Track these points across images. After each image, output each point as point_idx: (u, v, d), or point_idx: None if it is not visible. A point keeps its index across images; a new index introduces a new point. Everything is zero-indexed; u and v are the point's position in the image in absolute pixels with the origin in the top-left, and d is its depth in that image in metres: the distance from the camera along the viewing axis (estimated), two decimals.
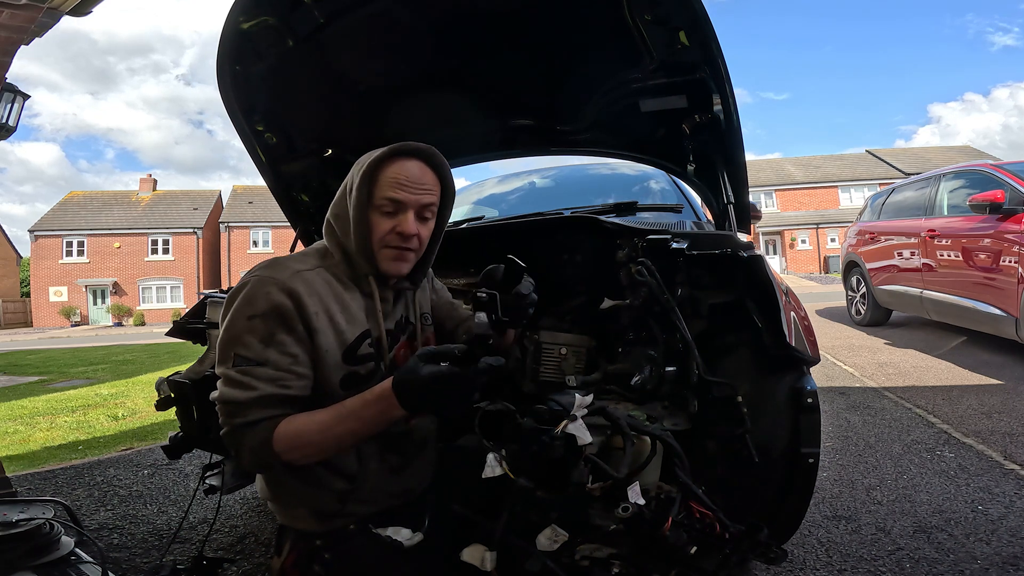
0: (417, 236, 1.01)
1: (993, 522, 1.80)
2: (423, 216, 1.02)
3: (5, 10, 2.09)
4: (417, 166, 1.00)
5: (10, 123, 4.82)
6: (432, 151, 1.02)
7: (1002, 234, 3.93)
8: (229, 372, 0.88)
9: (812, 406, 1.10)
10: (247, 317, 0.89)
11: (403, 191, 0.98)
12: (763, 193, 27.14)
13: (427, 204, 1.01)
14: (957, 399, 3.23)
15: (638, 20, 1.35)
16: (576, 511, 0.87)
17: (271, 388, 0.87)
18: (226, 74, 1.50)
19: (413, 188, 0.99)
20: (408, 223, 0.99)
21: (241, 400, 0.87)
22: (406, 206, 0.99)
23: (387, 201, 0.98)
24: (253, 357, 0.88)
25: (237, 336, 0.89)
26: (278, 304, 0.89)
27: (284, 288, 0.90)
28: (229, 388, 0.87)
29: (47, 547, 1.19)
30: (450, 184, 1.06)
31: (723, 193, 1.63)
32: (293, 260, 0.98)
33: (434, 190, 1.02)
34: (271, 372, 0.88)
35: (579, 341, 1.45)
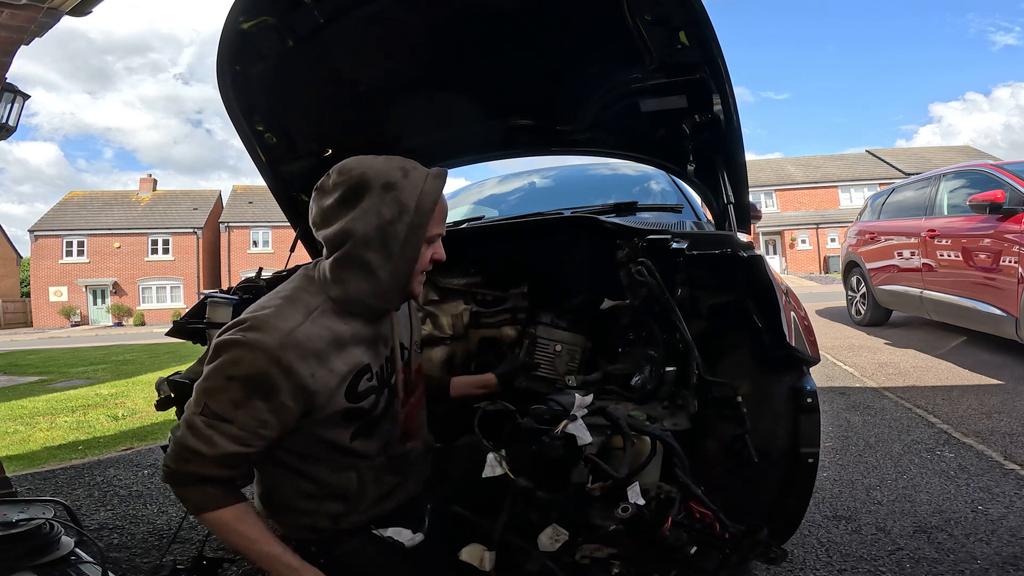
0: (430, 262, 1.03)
1: (993, 522, 1.80)
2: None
3: (5, 10, 2.09)
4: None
5: (10, 123, 4.82)
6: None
7: (1002, 234, 3.93)
8: (195, 419, 0.87)
9: (812, 406, 1.10)
10: (226, 376, 0.87)
11: (443, 224, 1.03)
12: (763, 193, 27.14)
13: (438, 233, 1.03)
14: (957, 399, 3.23)
15: (638, 20, 1.35)
16: (576, 511, 0.87)
17: (232, 447, 0.87)
18: (226, 74, 1.50)
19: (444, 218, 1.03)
20: (443, 251, 1.03)
21: (201, 452, 0.87)
22: (440, 237, 1.02)
23: (439, 229, 1.01)
24: (221, 414, 0.86)
25: (212, 389, 0.87)
26: (262, 373, 0.86)
27: (273, 359, 0.86)
28: (192, 436, 0.87)
29: (47, 547, 1.19)
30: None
31: (723, 193, 1.63)
32: (282, 315, 0.91)
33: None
34: (235, 431, 0.87)
35: (575, 340, 1.45)
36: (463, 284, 1.64)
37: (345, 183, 0.93)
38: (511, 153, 2.06)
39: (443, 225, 1.02)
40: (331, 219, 0.95)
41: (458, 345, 1.64)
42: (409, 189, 0.94)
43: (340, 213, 0.94)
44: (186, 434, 0.87)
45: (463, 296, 1.65)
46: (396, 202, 0.93)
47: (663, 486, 0.92)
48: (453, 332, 1.62)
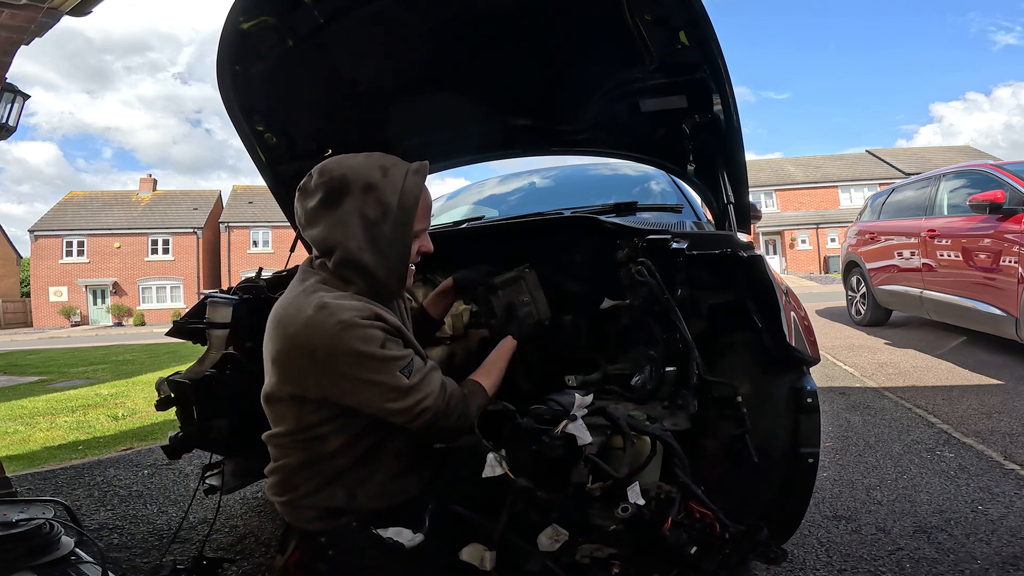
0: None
1: (993, 522, 1.80)
2: None
3: (5, 10, 2.09)
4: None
5: (10, 123, 4.82)
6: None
7: (1002, 234, 3.93)
8: (408, 381, 0.93)
9: (812, 406, 1.10)
10: (381, 345, 0.93)
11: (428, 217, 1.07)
12: (763, 193, 27.15)
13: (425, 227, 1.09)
14: (957, 399, 3.23)
15: (638, 20, 1.35)
16: (576, 511, 0.87)
17: (424, 364, 0.98)
18: (226, 74, 1.50)
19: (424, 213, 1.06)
20: (431, 244, 1.08)
21: (440, 380, 0.98)
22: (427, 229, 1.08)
23: (426, 223, 1.06)
24: (409, 357, 0.95)
25: (387, 360, 0.93)
26: (381, 327, 0.94)
27: (370, 315, 0.94)
28: (425, 387, 0.95)
29: (47, 547, 1.19)
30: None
31: (723, 193, 1.63)
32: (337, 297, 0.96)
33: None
34: (419, 361, 0.98)
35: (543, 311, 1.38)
36: None
37: (326, 184, 0.97)
38: (511, 153, 2.06)
39: (428, 219, 1.06)
40: (315, 220, 0.99)
41: (458, 345, 1.64)
42: (390, 188, 0.98)
43: (323, 215, 0.98)
44: (417, 394, 0.94)
45: None
46: (378, 203, 0.97)
47: (663, 486, 0.92)
48: (453, 332, 1.62)
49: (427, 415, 0.95)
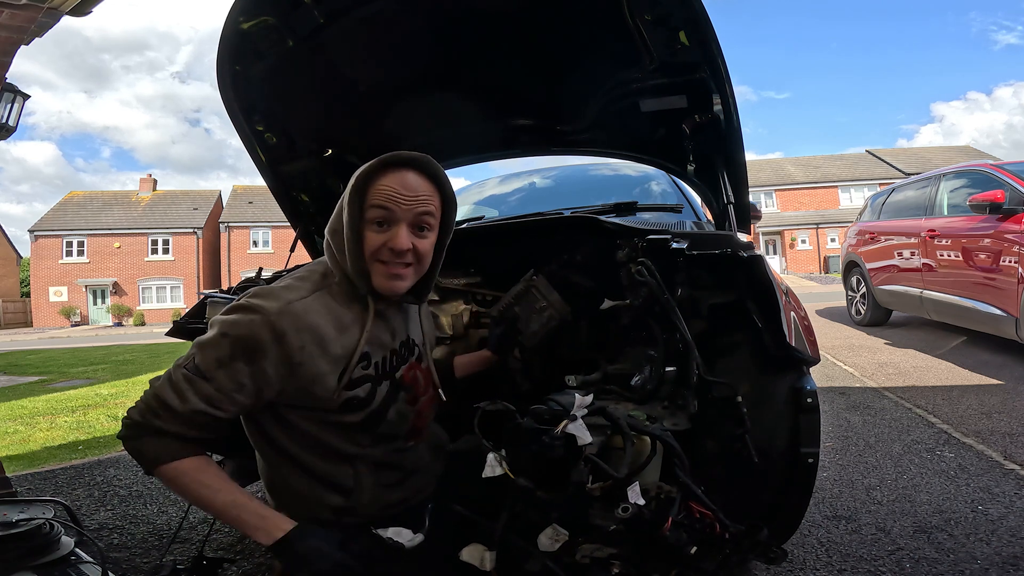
0: (413, 250, 0.97)
1: (993, 522, 1.80)
2: (420, 228, 0.98)
3: (5, 10, 2.09)
4: (410, 176, 0.96)
5: (10, 123, 4.82)
6: (426, 160, 0.98)
7: (1002, 234, 3.93)
8: (177, 372, 0.89)
9: (812, 406, 1.10)
10: (221, 333, 0.89)
11: (394, 202, 0.95)
12: (763, 193, 27.14)
13: (423, 213, 0.97)
14: (957, 399, 3.23)
15: (638, 20, 1.35)
16: (576, 511, 0.87)
17: (202, 405, 0.87)
18: (226, 74, 1.50)
19: (405, 199, 0.95)
20: (400, 238, 0.95)
21: (171, 407, 0.87)
22: (398, 218, 0.95)
23: (379, 213, 0.94)
24: (204, 370, 0.87)
25: (205, 344, 0.89)
26: (253, 336, 0.88)
27: (268, 323, 0.88)
28: (168, 388, 0.88)
29: (47, 547, 1.19)
30: (449, 192, 1.02)
31: (723, 193, 1.63)
32: (291, 287, 0.95)
33: (431, 199, 0.98)
34: (210, 390, 0.87)
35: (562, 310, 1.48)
36: (463, 284, 1.64)
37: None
38: (511, 153, 2.06)
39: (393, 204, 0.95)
40: None
41: (458, 345, 1.64)
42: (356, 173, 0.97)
43: None
44: (164, 385, 0.88)
45: (463, 296, 1.65)
46: (348, 189, 0.98)
47: (663, 486, 0.92)
48: (453, 332, 1.62)
49: (125, 425, 0.91)
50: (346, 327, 0.96)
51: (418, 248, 0.98)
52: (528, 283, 1.45)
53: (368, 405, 0.98)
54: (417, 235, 0.98)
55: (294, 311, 0.90)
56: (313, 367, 0.91)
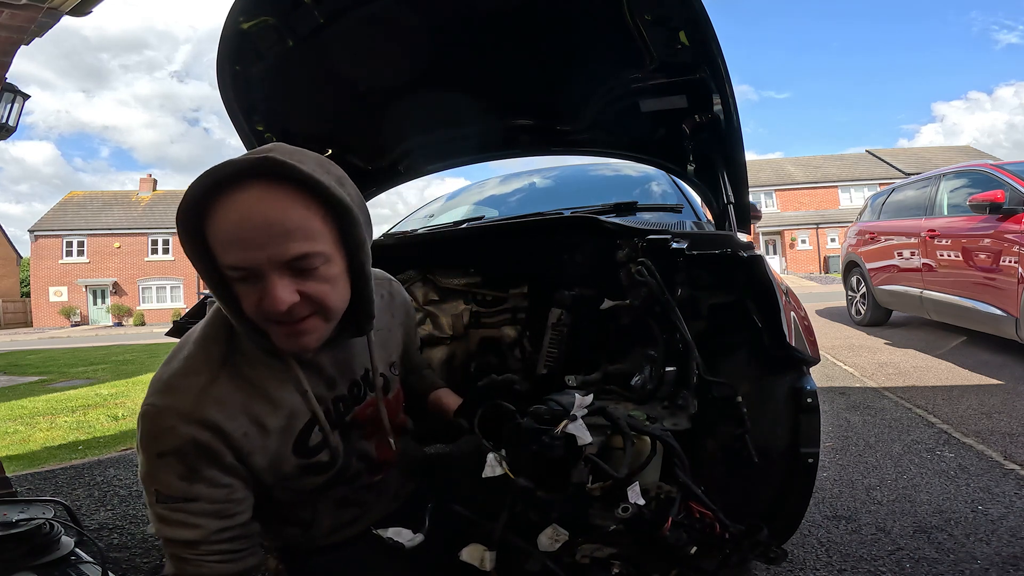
0: (305, 301, 0.71)
1: (993, 522, 1.80)
2: (303, 268, 0.70)
3: (5, 10, 2.09)
4: (254, 198, 0.66)
5: (10, 123, 4.82)
6: (276, 163, 0.66)
7: (1002, 234, 3.93)
8: (158, 509, 0.72)
9: (812, 406, 1.10)
10: (156, 454, 0.71)
11: (240, 250, 0.67)
12: (763, 193, 27.15)
13: (296, 257, 0.69)
14: (957, 399, 3.23)
15: (638, 20, 1.35)
16: (576, 511, 0.87)
17: (216, 523, 0.73)
18: (226, 74, 1.50)
19: (254, 239, 0.66)
20: (272, 298, 0.68)
21: (190, 539, 0.72)
22: (259, 270, 0.68)
23: (228, 267, 0.68)
24: (180, 495, 0.71)
25: (152, 474, 0.72)
26: (191, 439, 0.71)
27: (194, 420, 0.71)
28: (168, 527, 0.72)
29: (47, 547, 1.20)
30: (334, 194, 0.71)
31: (723, 193, 1.63)
32: (190, 371, 0.74)
33: (302, 224, 0.69)
34: (206, 507, 0.72)
35: None
36: (463, 284, 1.64)
37: None
38: (511, 153, 2.06)
39: (240, 252, 0.67)
40: None
41: (458, 345, 1.64)
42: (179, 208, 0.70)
43: None
44: (161, 527, 0.73)
45: (463, 296, 1.65)
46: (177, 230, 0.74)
47: (663, 486, 0.92)
48: (453, 332, 1.62)
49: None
50: (277, 400, 0.79)
51: (312, 295, 0.72)
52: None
53: (332, 467, 0.87)
54: (301, 278, 0.71)
55: (211, 396, 0.73)
56: (264, 452, 0.77)
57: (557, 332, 1.48)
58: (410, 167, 2.05)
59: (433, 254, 1.69)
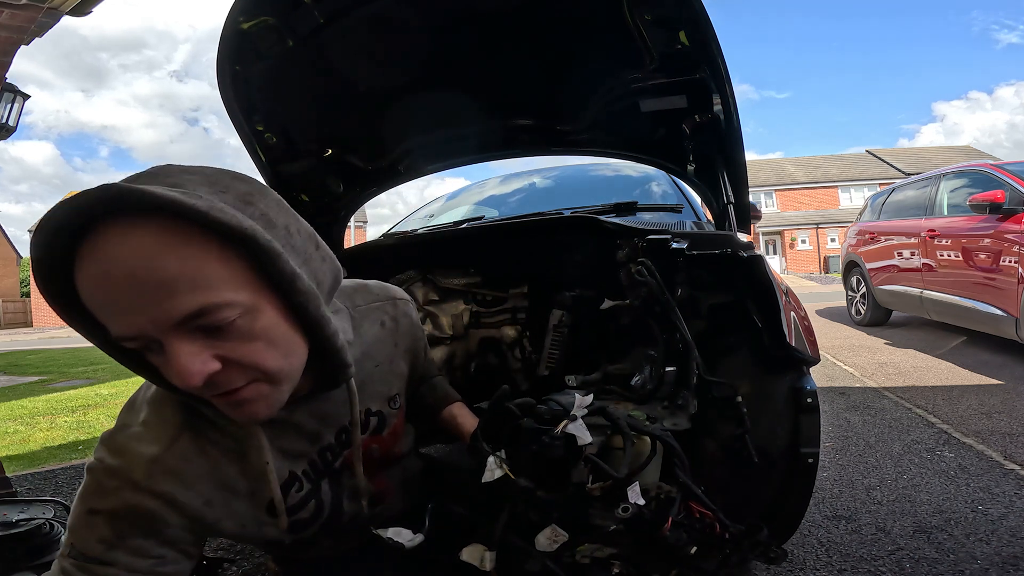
0: (229, 369, 0.56)
1: (993, 522, 1.80)
2: (212, 330, 0.54)
3: (5, 10, 2.09)
4: (114, 244, 0.50)
5: (10, 123, 4.82)
6: (127, 193, 0.49)
7: (1002, 234, 3.93)
8: (64, 563, 0.62)
9: (812, 406, 1.10)
10: (88, 510, 0.62)
11: (112, 315, 0.52)
12: (763, 193, 27.16)
13: (189, 314, 0.52)
14: (957, 399, 3.23)
15: (638, 20, 1.35)
16: (576, 511, 0.87)
17: None
18: (226, 74, 1.50)
19: (121, 299, 0.51)
20: (177, 371, 0.53)
21: None
22: (148, 336, 0.53)
23: (116, 339, 0.54)
24: (95, 556, 0.61)
25: (75, 527, 0.63)
26: (133, 507, 0.62)
27: (141, 491, 0.62)
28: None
29: (47, 547, 1.20)
30: (228, 223, 0.52)
31: (723, 193, 1.63)
32: (145, 439, 0.64)
33: (182, 272, 0.51)
34: (120, 574, 0.62)
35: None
36: (463, 284, 1.64)
37: None
38: (511, 153, 2.06)
39: (119, 317, 0.52)
40: None
41: (458, 345, 1.64)
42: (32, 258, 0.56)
43: None
44: None
45: (463, 296, 1.65)
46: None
47: (663, 486, 0.92)
48: (453, 332, 1.62)
49: None
50: (245, 462, 0.69)
51: (236, 359, 0.56)
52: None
53: (318, 519, 0.80)
54: (215, 339, 0.55)
55: (166, 466, 0.64)
56: (234, 517, 0.69)
57: (559, 333, 1.48)
58: (410, 167, 2.05)
59: (433, 254, 1.69)
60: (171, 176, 0.55)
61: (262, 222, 0.57)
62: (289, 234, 0.60)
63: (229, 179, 0.58)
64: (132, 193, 0.49)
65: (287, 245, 0.59)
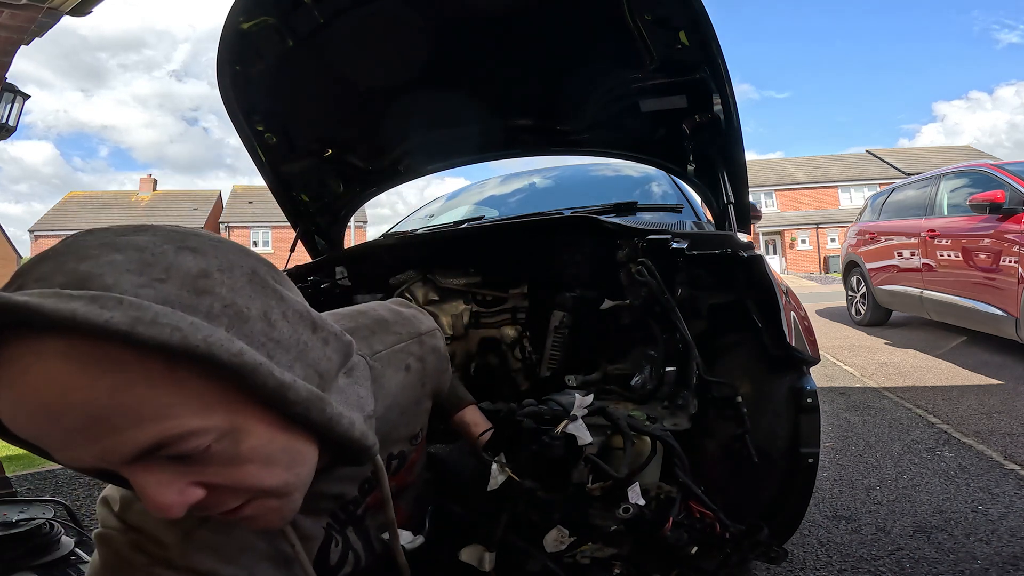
0: (218, 493, 0.46)
1: (993, 522, 1.80)
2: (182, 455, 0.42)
3: (5, 10, 2.09)
4: (19, 372, 0.38)
5: (10, 123, 4.81)
6: (26, 310, 0.36)
7: (1002, 234, 3.93)
8: None
9: (812, 406, 1.10)
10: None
11: (52, 451, 0.42)
12: (763, 193, 27.16)
13: (145, 449, 0.40)
14: (957, 399, 3.23)
15: (638, 20, 1.35)
16: (576, 511, 0.87)
17: None
18: (226, 74, 1.50)
19: (49, 437, 0.40)
20: (151, 504, 0.42)
21: None
22: (104, 469, 0.43)
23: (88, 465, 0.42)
24: None
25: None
26: None
27: (180, 567, 0.53)
28: None
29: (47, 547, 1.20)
30: (182, 346, 0.39)
31: (723, 193, 1.63)
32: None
33: (118, 404, 0.39)
34: None
35: None
36: (463, 284, 1.64)
37: None
38: (511, 153, 2.06)
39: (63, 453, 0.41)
40: None
41: (458, 345, 1.64)
42: None
43: None
44: None
45: (463, 296, 1.65)
46: None
47: (663, 486, 0.92)
48: (453, 332, 1.62)
49: None
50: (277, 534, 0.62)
51: (227, 485, 0.46)
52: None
53: (359, 567, 0.75)
54: (193, 465, 0.44)
55: (203, 540, 0.55)
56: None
57: (560, 335, 1.48)
58: (410, 167, 2.05)
59: (433, 254, 1.69)
60: (85, 259, 0.40)
61: (228, 318, 0.43)
62: (271, 325, 0.46)
63: (173, 254, 0.42)
64: (13, 308, 0.35)
65: (269, 342, 0.46)
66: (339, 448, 0.55)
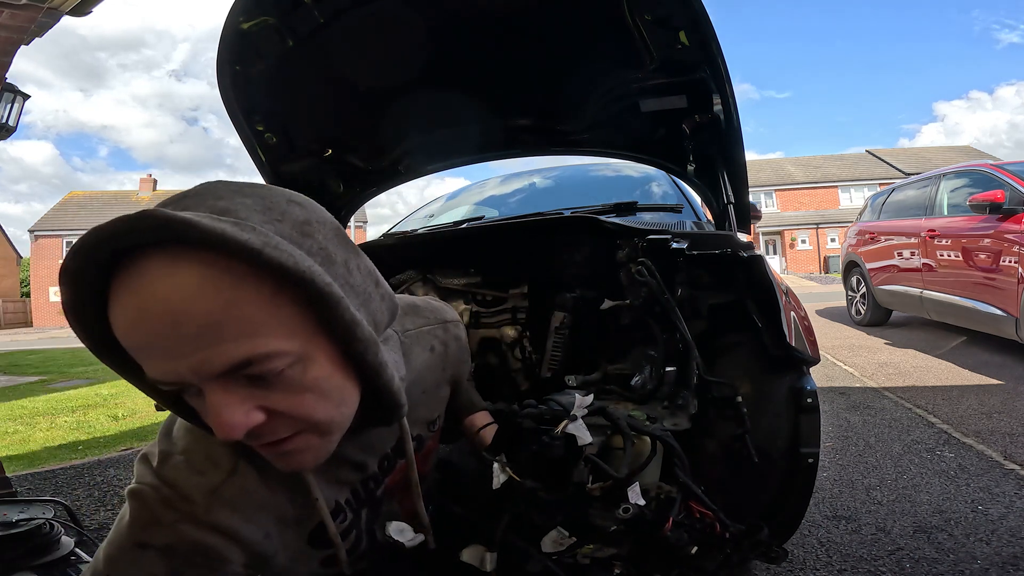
0: (274, 420, 0.52)
1: (993, 522, 1.80)
2: (258, 376, 0.49)
3: (5, 10, 2.09)
4: (154, 280, 0.44)
5: (10, 123, 4.81)
6: (167, 222, 0.43)
7: (1002, 234, 3.93)
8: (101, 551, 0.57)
9: (812, 406, 1.10)
10: (136, 543, 0.55)
11: (149, 359, 0.47)
12: (763, 193, 27.16)
13: (235, 364, 0.47)
14: (957, 399, 3.23)
15: (638, 20, 1.35)
16: (576, 511, 0.87)
17: None
18: (226, 75, 1.50)
19: (159, 343, 0.45)
20: (218, 423, 0.48)
21: None
22: (186, 383, 0.48)
23: (152, 381, 0.50)
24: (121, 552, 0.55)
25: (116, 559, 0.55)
26: (193, 543, 0.56)
27: (204, 523, 0.56)
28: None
29: (47, 547, 1.20)
30: (287, 264, 0.46)
31: (723, 193, 1.63)
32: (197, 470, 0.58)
33: (230, 316, 0.46)
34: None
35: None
36: (463, 284, 1.64)
37: None
38: (511, 153, 2.06)
39: (157, 362, 0.47)
40: None
41: None
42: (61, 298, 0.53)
43: None
44: None
45: (463, 296, 1.65)
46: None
47: (663, 486, 0.92)
48: None
49: None
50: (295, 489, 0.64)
51: (284, 412, 0.52)
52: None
53: (356, 550, 0.76)
54: (261, 389, 0.50)
55: (227, 498, 0.58)
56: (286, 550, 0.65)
57: (560, 335, 1.48)
58: (410, 167, 2.05)
59: (433, 254, 1.69)
60: (221, 199, 0.49)
61: (321, 258, 0.51)
62: (348, 272, 0.55)
63: (285, 203, 0.52)
64: (175, 223, 0.43)
65: (346, 285, 0.53)
66: (376, 399, 0.60)
